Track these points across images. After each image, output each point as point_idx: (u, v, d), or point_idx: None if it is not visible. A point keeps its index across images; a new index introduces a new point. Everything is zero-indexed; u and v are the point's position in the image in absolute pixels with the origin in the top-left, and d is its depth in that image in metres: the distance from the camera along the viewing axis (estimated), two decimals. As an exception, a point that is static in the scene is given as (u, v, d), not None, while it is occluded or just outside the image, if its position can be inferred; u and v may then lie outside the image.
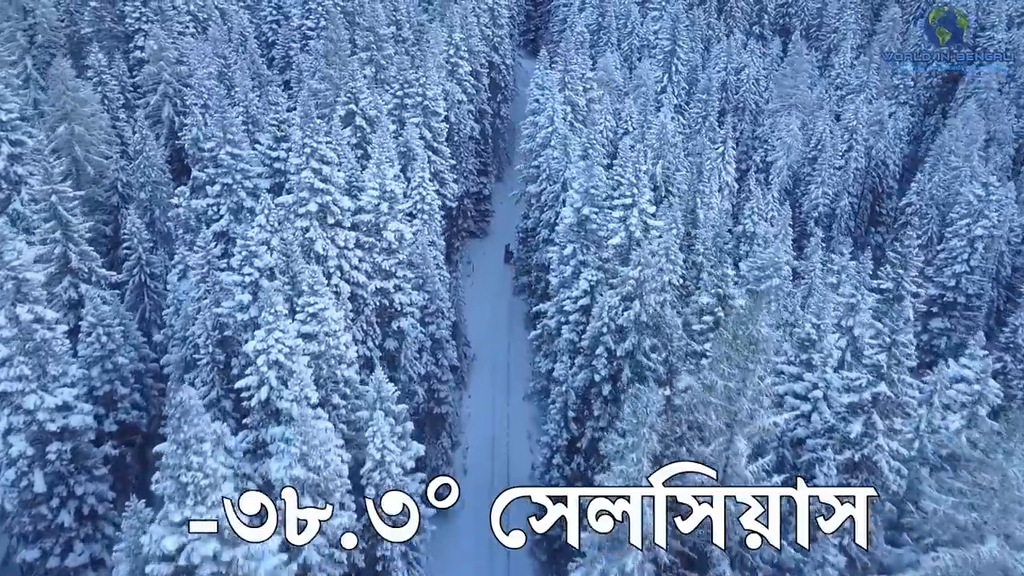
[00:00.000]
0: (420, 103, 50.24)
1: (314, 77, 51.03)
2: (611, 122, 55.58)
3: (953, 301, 48.63)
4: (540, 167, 53.17)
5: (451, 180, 53.72)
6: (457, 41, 60.75)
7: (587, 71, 57.65)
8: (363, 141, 45.28)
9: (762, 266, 32.77)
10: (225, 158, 36.61)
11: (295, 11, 64.19)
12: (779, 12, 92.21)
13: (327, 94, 47.36)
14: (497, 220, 72.08)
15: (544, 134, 53.11)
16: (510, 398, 52.06)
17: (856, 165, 57.92)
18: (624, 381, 34.27)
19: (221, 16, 65.98)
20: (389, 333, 37.44)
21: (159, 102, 51.99)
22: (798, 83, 59.32)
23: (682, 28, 63.92)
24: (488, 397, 52.05)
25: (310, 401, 22.22)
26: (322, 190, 32.84)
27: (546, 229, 49.82)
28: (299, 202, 32.77)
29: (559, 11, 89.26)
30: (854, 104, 59.72)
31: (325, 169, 32.89)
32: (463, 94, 61.50)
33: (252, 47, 60.07)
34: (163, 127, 51.94)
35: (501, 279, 63.66)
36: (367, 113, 45.14)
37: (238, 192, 37.24)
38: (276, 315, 23.14)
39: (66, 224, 32.43)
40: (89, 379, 29.85)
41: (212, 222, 37.40)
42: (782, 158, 54.75)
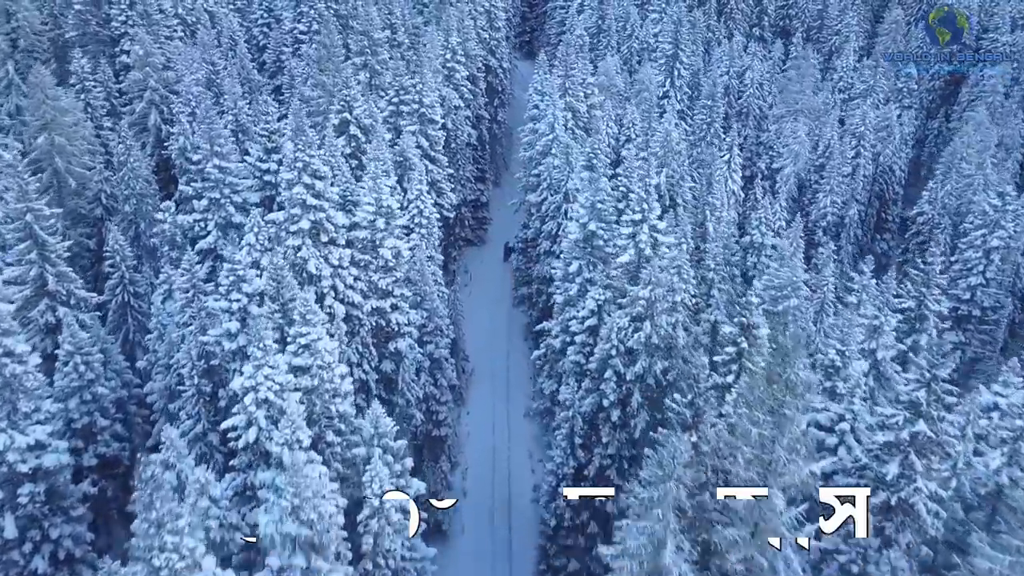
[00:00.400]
0: (417, 110, 48.45)
1: (306, 83, 49.19)
2: (613, 128, 53.93)
3: (968, 314, 47.15)
4: (540, 176, 51.46)
5: (448, 189, 51.97)
6: (454, 45, 59.00)
7: (588, 76, 55.94)
8: (358, 151, 43.49)
9: (779, 285, 31.14)
10: (212, 171, 34.79)
11: (287, 14, 62.28)
12: (779, 14, 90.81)
13: (320, 101, 45.49)
14: (495, 227, 70.36)
15: (544, 142, 51.37)
16: (510, 414, 50.35)
17: (864, 172, 56.38)
18: (634, 406, 32.61)
19: (210, 19, 64.04)
20: (386, 354, 35.63)
21: (145, 109, 50.02)
22: (804, 88, 57.72)
23: (685, 31, 62.27)
24: (487, 413, 50.32)
25: (302, 444, 20.43)
26: (315, 206, 31.02)
27: (547, 240, 48.09)
28: (291, 219, 30.93)
29: (556, 13, 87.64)
30: (861, 109, 58.13)
31: (318, 184, 31.07)
32: (460, 100, 59.74)
33: (242, 51, 58.17)
34: (149, 135, 49.96)
35: (500, 287, 61.95)
36: (362, 122, 43.33)
37: (226, 207, 35.43)
38: (265, 350, 21.35)
39: (42, 244, 30.53)
40: (66, 411, 27.98)
41: (199, 238, 35.60)
42: (789, 165, 53.14)
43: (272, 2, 66.94)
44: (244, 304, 26.19)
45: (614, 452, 33.20)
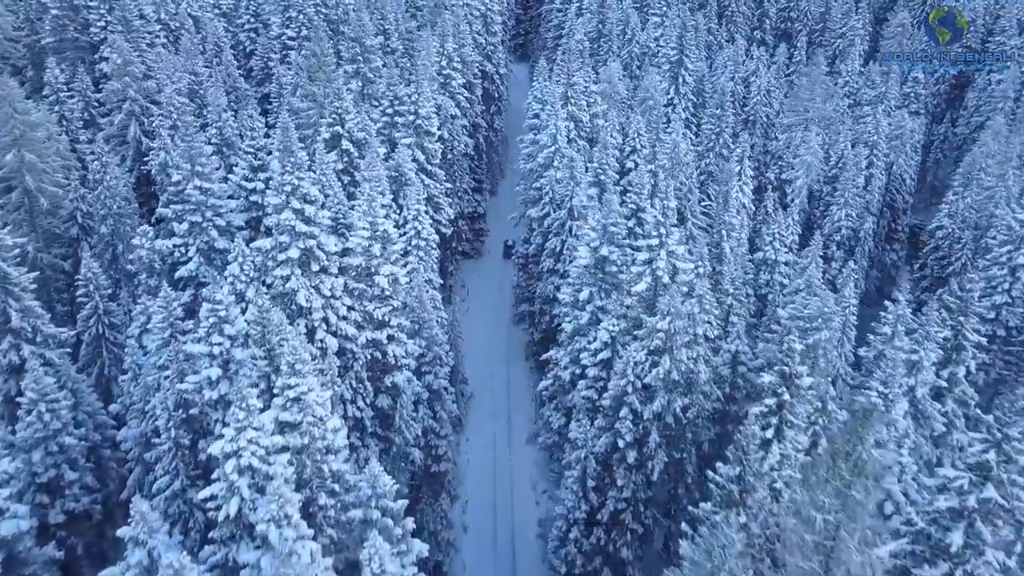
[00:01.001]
0: (412, 122, 45.85)
1: (295, 94, 46.55)
2: (617, 139, 51.41)
3: (992, 334, 44.78)
4: (542, 189, 48.93)
5: (446, 204, 49.42)
6: (450, 51, 56.43)
7: (591, 84, 53.46)
8: (350, 166, 40.90)
9: (808, 316, 28.75)
10: (193, 193, 32.14)
11: (275, 19, 59.50)
12: (780, 16, 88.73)
13: (310, 114, 42.92)
14: (492, 238, 67.93)
15: (546, 154, 48.85)
16: (512, 441, 47.88)
17: (878, 183, 54.10)
18: (652, 447, 30.19)
19: (195, 24, 61.31)
20: (382, 389, 33.06)
21: (124, 121, 47.28)
22: (814, 96, 55.38)
23: (690, 36, 59.85)
24: (488, 440, 47.80)
25: (291, 520, 17.88)
26: (305, 233, 28.44)
27: (551, 258, 45.56)
28: (278, 247, 28.35)
29: (552, 16, 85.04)
30: (874, 117, 55.83)
31: (308, 209, 28.48)
32: (456, 108, 57.19)
33: (228, 59, 55.45)
34: (129, 149, 47.21)
35: (499, 300, 59.47)
36: (354, 135, 40.73)
37: (208, 231, 32.79)
38: (248, 410, 18.78)
39: (4, 277, 27.82)
40: (30, 464, 25.30)
41: (180, 264, 32.94)
42: (801, 177, 50.81)
43: (260, 6, 64.25)
44: (226, 348, 23.59)
45: (629, 495, 30.78)
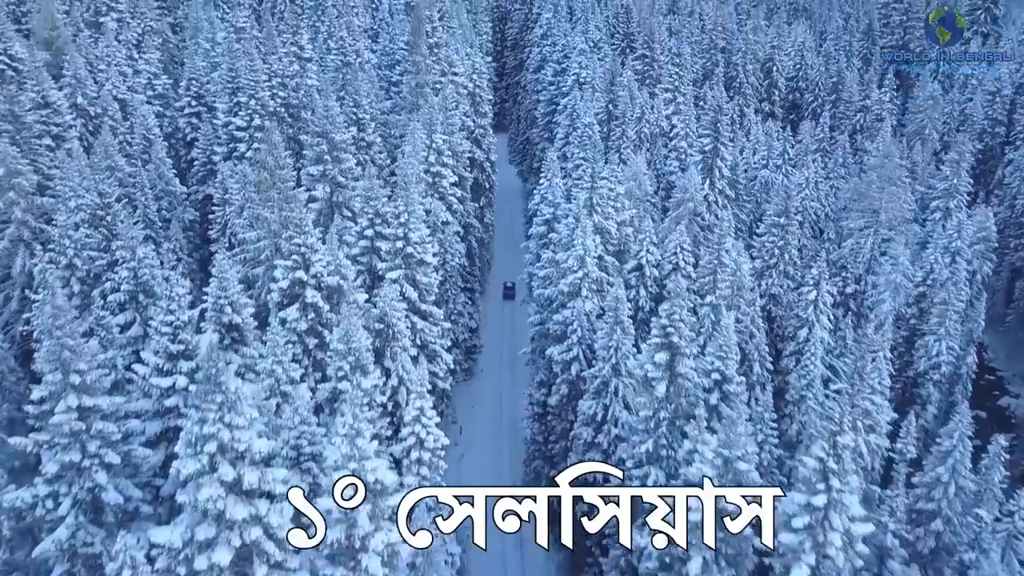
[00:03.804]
0: (401, 249, 34.26)
1: (241, 214, 34.88)
2: (655, 254, 40.65)
3: None
4: (567, 323, 37.66)
5: (444, 349, 37.84)
6: (439, 144, 45.44)
7: (617, 185, 42.77)
8: (318, 324, 29.13)
9: None
10: (66, 420, 20.02)
11: (221, 104, 48.07)
12: (789, 87, 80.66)
13: (260, 247, 31.19)
14: (485, 355, 56.46)
15: (572, 280, 37.65)
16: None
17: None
18: None
19: (121, 110, 49.64)
20: None
21: (9, 250, 35.10)
22: (883, 192, 45.14)
23: (725, 120, 49.92)
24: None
25: None
26: (244, 520, 16.51)
27: (589, 428, 33.90)
28: (197, 547, 16.33)
29: (541, 88, 74.87)
30: (956, 218, 45.91)
31: (248, 476, 16.60)
32: (448, 212, 46.12)
33: (159, 155, 43.82)
34: (14, 288, 34.89)
35: (499, 445, 47.85)
36: (324, 281, 29.07)
37: (92, 474, 20.59)
38: None
39: None
40: None
41: (48, 529, 20.64)
42: (888, 301, 40.42)
43: (204, 86, 52.93)
44: None
45: None
